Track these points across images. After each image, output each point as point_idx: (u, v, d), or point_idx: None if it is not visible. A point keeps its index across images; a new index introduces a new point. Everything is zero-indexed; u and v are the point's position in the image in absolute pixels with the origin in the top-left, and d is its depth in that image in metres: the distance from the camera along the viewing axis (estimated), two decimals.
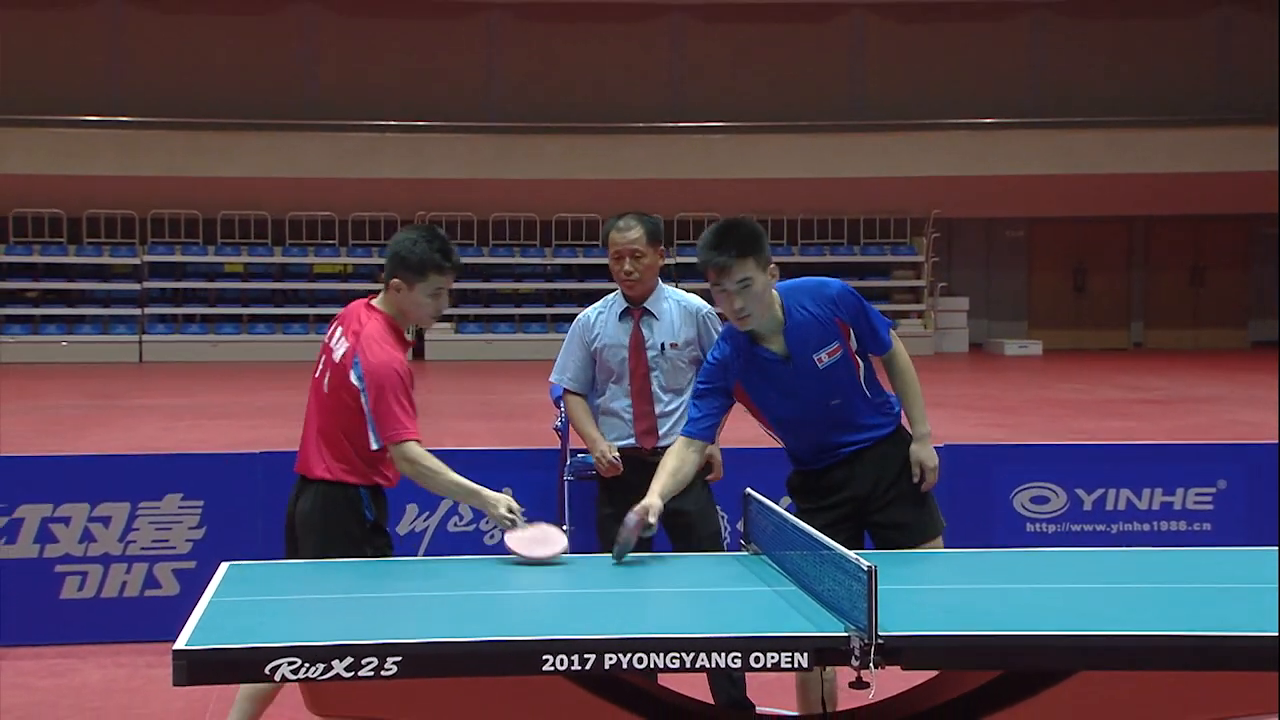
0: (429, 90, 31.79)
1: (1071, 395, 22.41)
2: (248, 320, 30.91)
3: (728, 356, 5.92)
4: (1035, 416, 19.37)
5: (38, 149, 29.74)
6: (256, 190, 30.74)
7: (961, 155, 31.20)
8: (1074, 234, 33.62)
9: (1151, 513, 8.98)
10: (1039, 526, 8.92)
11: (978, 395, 22.59)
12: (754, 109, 31.54)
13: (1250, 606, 4.89)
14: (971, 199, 31.82)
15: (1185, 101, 32.44)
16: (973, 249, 33.33)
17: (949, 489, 8.89)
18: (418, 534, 8.64)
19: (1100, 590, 5.16)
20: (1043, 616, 4.75)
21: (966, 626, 4.47)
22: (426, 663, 4.21)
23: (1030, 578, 5.48)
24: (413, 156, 30.63)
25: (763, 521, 5.64)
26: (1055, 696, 4.57)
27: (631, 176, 29.60)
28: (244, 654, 4.19)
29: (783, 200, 31.29)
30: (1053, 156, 31.13)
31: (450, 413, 20.02)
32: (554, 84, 32.08)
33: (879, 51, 32.84)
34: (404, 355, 5.85)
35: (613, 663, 4.22)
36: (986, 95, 32.33)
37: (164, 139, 30.20)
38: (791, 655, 4.25)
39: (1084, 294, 34.06)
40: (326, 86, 31.83)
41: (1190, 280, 34.05)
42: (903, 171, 30.97)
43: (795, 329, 5.86)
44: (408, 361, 5.86)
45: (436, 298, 5.84)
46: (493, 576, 5.58)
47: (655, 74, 32.48)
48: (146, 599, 8.38)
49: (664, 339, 6.81)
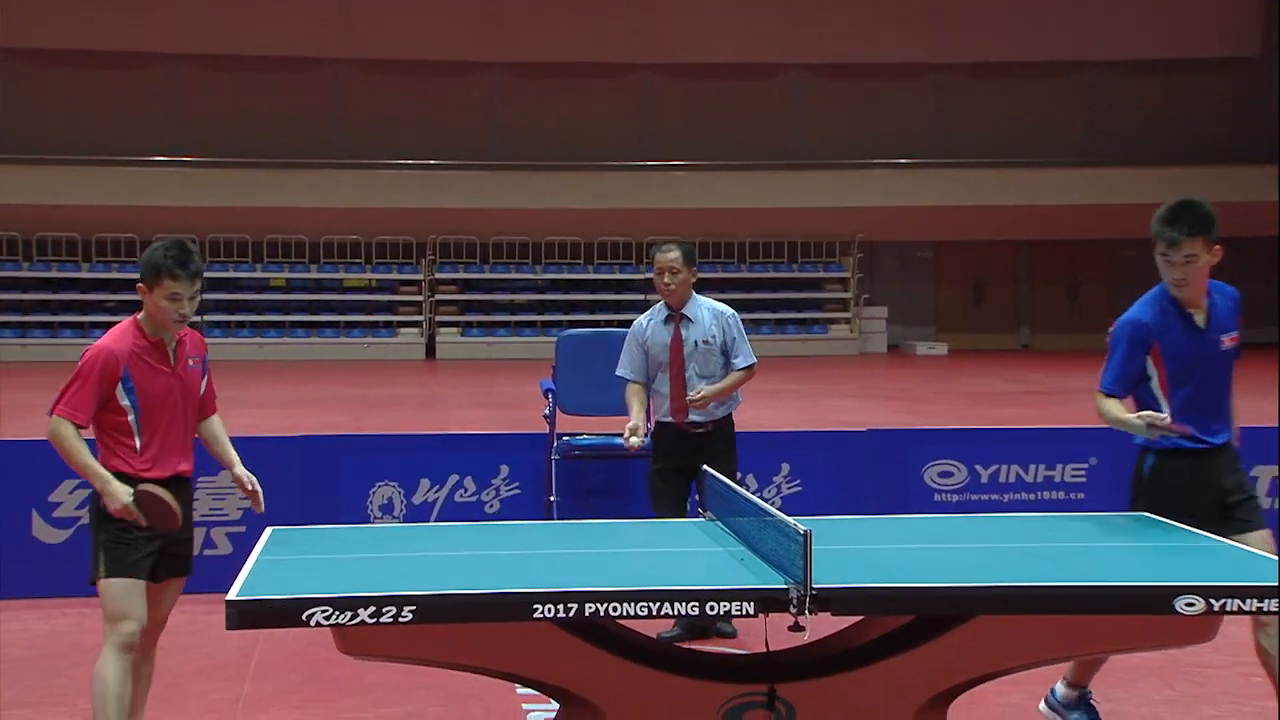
0: (440, 134, 31.70)
1: (971, 388, 22.48)
2: (289, 326, 30.78)
3: (1153, 318, 5.52)
4: (942, 405, 19.42)
5: (113, 184, 29.69)
6: (296, 218, 30.64)
7: (881, 190, 31.29)
8: (973, 255, 33.67)
9: (1036, 484, 9.01)
10: (945, 497, 8.95)
11: (895, 388, 22.65)
12: (709, 150, 31.53)
13: (1117, 562, 4.92)
14: (889, 226, 31.83)
15: (1063, 146, 32.57)
16: (890, 267, 33.36)
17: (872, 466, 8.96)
18: (430, 503, 8.62)
19: (994, 549, 5.17)
20: (947, 571, 4.77)
21: (885, 579, 4.49)
22: (436, 611, 4.21)
23: (937, 539, 5.49)
24: (426, 189, 30.57)
25: (717, 494, 5.64)
26: (957, 636, 4.57)
27: (608, 206, 29.63)
28: (285, 604, 4.19)
29: (734, 226, 31.32)
30: (955, 191, 31.26)
31: (457, 403, 20.01)
32: (544, 129, 32.02)
33: (813, 104, 32.85)
34: (118, 345, 5.19)
35: (592, 610, 4.22)
36: (901, 140, 32.37)
37: (219, 175, 30.15)
38: (740, 604, 4.26)
39: (981, 304, 34.11)
40: (354, 132, 31.73)
41: (1067, 293, 34.12)
42: (832, 203, 31.00)
43: (1215, 308, 5.52)
44: (120, 354, 5.16)
45: (175, 302, 5.16)
46: (491, 539, 5.59)
47: (628, 121, 32.44)
48: (205, 557, 8.31)
49: (698, 337, 7.22)
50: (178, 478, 5.32)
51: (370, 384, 23.11)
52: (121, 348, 5.17)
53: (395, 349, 30.55)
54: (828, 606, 4.26)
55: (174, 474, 5.29)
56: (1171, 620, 4.35)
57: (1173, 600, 4.29)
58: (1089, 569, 4.74)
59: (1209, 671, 6.56)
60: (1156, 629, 4.51)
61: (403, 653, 4.57)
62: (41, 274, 30.46)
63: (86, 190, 29.47)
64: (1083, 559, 4.95)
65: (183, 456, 5.37)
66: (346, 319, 30.85)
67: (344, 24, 31.68)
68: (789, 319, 31.60)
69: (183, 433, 5.39)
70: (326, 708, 6.20)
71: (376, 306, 31.16)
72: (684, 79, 32.55)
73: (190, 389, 5.38)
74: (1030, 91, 33.10)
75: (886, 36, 32.58)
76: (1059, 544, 5.27)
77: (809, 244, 32.36)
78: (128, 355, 5.17)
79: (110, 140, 30.46)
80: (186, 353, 5.38)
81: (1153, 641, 4.82)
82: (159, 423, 5.25)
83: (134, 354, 5.19)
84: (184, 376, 5.35)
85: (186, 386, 5.36)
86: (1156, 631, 4.57)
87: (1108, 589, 4.44)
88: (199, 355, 5.48)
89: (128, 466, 5.18)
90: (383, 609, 4.11)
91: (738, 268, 31.77)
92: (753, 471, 8.68)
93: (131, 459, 5.19)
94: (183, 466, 5.37)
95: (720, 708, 4.57)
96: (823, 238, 32.26)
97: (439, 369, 27.66)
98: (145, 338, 5.24)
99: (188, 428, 5.42)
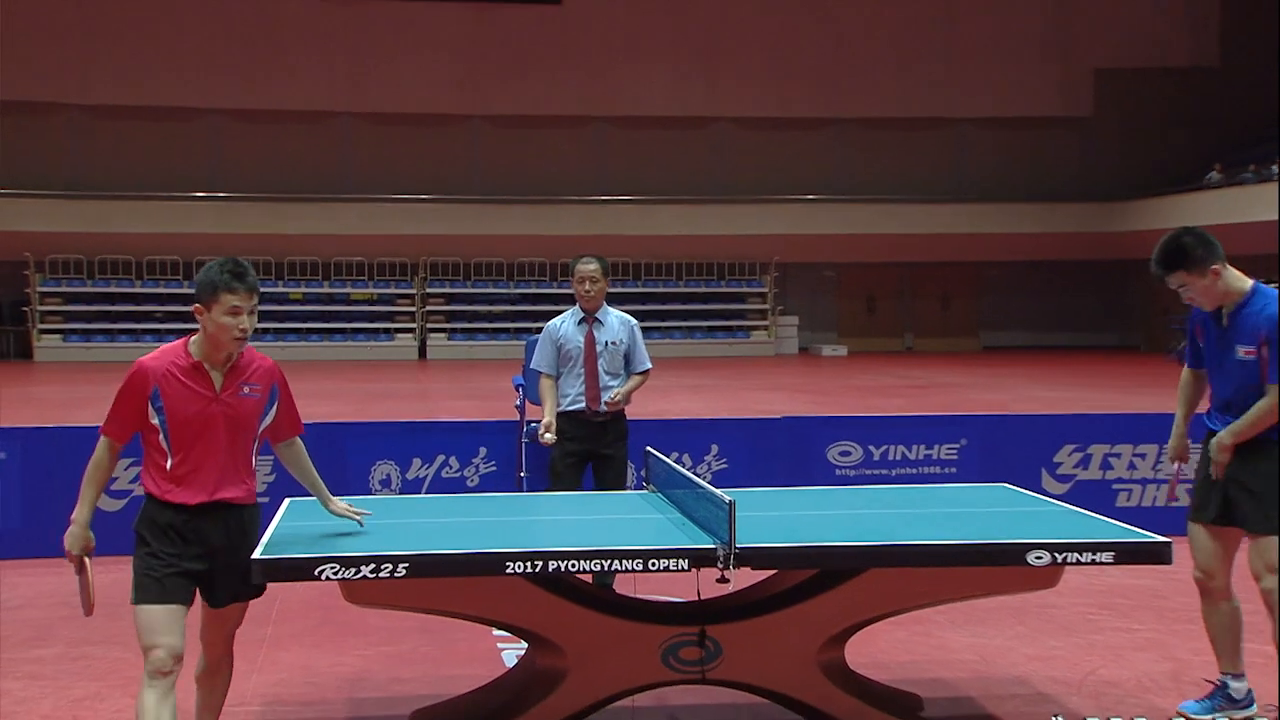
0: (430, 174, 31.58)
1: (866, 383, 22.57)
2: (305, 331, 30.54)
3: (1196, 317, 5.09)
4: (842, 396, 19.49)
5: (161, 215, 29.59)
6: (311, 242, 30.54)
7: (793, 221, 31.44)
8: (867, 274, 33.82)
9: (918, 461, 9.02)
10: (844, 471, 8.94)
11: (804, 383, 22.70)
12: (651, 187, 31.55)
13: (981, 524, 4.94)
14: (799, 250, 31.93)
15: (936, 186, 32.79)
16: (801, 283, 33.46)
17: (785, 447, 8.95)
18: (421, 479, 8.55)
19: (883, 514, 5.17)
20: (845, 532, 4.77)
21: (794, 540, 4.48)
22: (426, 567, 4.17)
23: (837, 506, 5.49)
24: (418, 219, 30.46)
25: (659, 469, 5.63)
26: (854, 585, 4.57)
27: (568, 234, 29.56)
28: (300, 561, 4.16)
29: (671, 250, 31.34)
30: (851, 222, 31.44)
31: (446, 395, 19.90)
32: (515, 170, 31.94)
33: (735, 149, 32.91)
34: (154, 363, 4.26)
35: (555, 567, 4.19)
36: (807, 180, 32.48)
37: (247, 208, 30.01)
38: (676, 561, 4.24)
39: (874, 314, 34.24)
40: (359, 171, 31.56)
41: (941, 305, 34.31)
42: (753, 231, 31.14)
43: (1240, 317, 4.91)
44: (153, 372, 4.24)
45: (234, 316, 4.25)
46: (471, 508, 5.55)
47: (585, 163, 32.39)
48: None
49: (608, 338, 6.97)
50: (220, 504, 4.27)
51: (372, 380, 22.96)
52: (157, 366, 4.26)
53: (392, 351, 30.42)
54: (748, 562, 4.25)
55: (212, 499, 4.25)
56: (1024, 571, 4.35)
57: (1025, 555, 4.30)
58: (959, 530, 4.74)
59: (1052, 611, 6.61)
60: (1012, 578, 4.52)
61: (397, 602, 4.55)
62: (102, 289, 30.35)
63: (139, 220, 29.52)
64: (954, 522, 4.96)
65: (228, 483, 4.28)
66: (352, 326, 30.73)
67: (351, 84, 31.63)
68: (718, 326, 31.66)
69: (227, 459, 4.29)
70: (335, 646, 6.15)
71: (377, 316, 31.05)
72: (629, 129, 32.58)
73: (240, 416, 4.30)
74: (910, 141, 33.32)
75: (794, 96, 32.78)
76: (935, 510, 5.28)
77: (734, 264, 32.42)
78: (161, 374, 4.24)
79: (158, 180, 30.36)
80: (242, 379, 4.32)
81: (1009, 588, 4.83)
82: (192, 446, 4.23)
83: (169, 374, 4.24)
84: (231, 403, 4.28)
85: (234, 414, 4.28)
86: (1012, 580, 4.58)
87: (973, 546, 4.44)
88: (263, 384, 4.39)
89: (154, 486, 4.25)
90: (381, 566, 4.07)
91: (675, 284, 31.77)
92: (688, 452, 8.64)
93: (159, 478, 4.25)
94: (227, 493, 4.28)
95: (660, 645, 4.56)
96: (745, 259, 32.32)
97: (429, 367, 27.51)
98: (188, 358, 4.27)
99: (235, 454, 4.31)
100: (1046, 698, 5.29)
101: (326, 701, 5.38)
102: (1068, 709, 5.09)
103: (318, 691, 5.51)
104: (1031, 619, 6.51)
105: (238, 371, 4.33)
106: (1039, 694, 5.35)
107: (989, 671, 5.68)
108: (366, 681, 5.63)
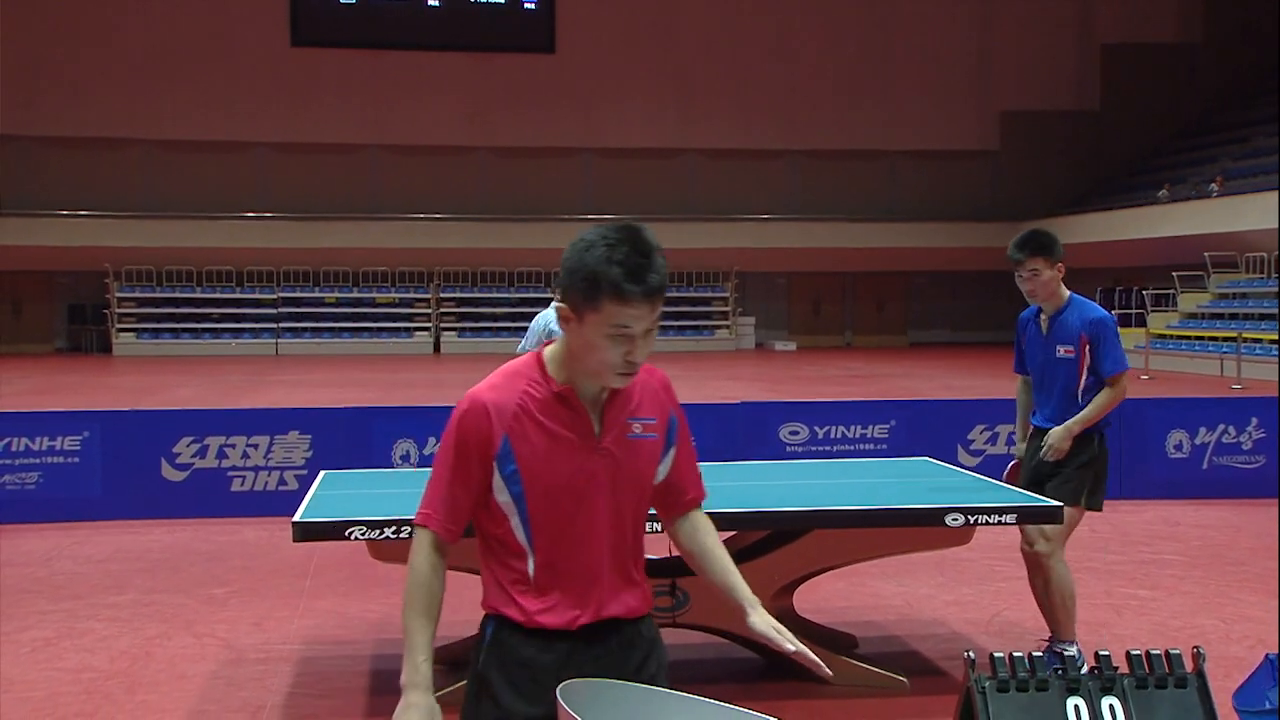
0: (444, 195, 31.48)
1: (812, 373, 22.60)
2: (338, 330, 30.46)
3: (1024, 318, 4.85)
4: (792, 385, 19.49)
5: (217, 232, 29.61)
6: (343, 254, 30.43)
7: (751, 236, 31.49)
8: (813, 281, 33.87)
9: (856, 440, 9.06)
10: (794, 448, 8.97)
11: (759, 373, 22.74)
12: (631, 208, 31.34)
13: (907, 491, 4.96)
14: (757, 261, 31.97)
15: (873, 208, 32.84)
16: (758, 288, 33.49)
17: (743, 429, 8.97)
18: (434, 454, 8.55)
19: (826, 484, 5.19)
20: (794, 499, 4.76)
21: (749, 506, 4.47)
22: None
23: (787, 478, 5.48)
24: (433, 234, 30.41)
25: None
26: (800, 544, 4.58)
27: (560, 247, 27.17)
28: (333, 524, 4.15)
29: None
30: (801, 238, 31.51)
31: (457, 384, 19.83)
32: (517, 193, 31.85)
33: (704, 175, 32.88)
34: (496, 397, 2.11)
35: None
36: (765, 202, 32.50)
37: (290, 225, 29.93)
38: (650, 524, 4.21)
39: (819, 315, 34.15)
40: (384, 194, 31.47)
41: (877, 308, 34.37)
42: (718, 245, 31.14)
43: (1059, 321, 4.67)
44: (498, 410, 2.10)
45: (622, 341, 2.05)
46: None
47: (574, 187, 32.34)
48: (279, 492, 8.26)
49: None
50: (609, 623, 2.15)
51: (393, 371, 22.92)
52: (503, 401, 2.11)
53: (411, 346, 30.41)
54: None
55: (598, 618, 2.14)
56: (942, 530, 4.36)
57: (943, 517, 4.32)
58: (888, 497, 4.75)
59: (965, 564, 6.65)
60: (932, 536, 4.53)
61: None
62: (168, 294, 30.37)
63: (199, 236, 29.51)
64: (885, 490, 4.97)
65: (617, 585, 2.18)
66: (377, 325, 30.67)
67: (376, 121, 31.55)
68: (687, 325, 31.69)
69: (613, 543, 2.17)
70: (363, 596, 6.15)
71: (398, 316, 31.02)
72: (612, 158, 32.56)
73: (630, 471, 2.17)
74: (851, 169, 33.39)
75: (754, 130, 32.80)
76: (869, 480, 5.29)
77: (701, 273, 32.45)
78: (512, 414, 2.10)
79: (215, 202, 30.20)
80: (629, 411, 2.18)
81: (930, 545, 4.85)
82: (566, 529, 2.12)
83: (521, 410, 2.11)
84: (617, 452, 2.15)
85: (621, 468, 2.15)
86: (932, 538, 4.59)
87: (900, 510, 4.45)
88: (658, 416, 2.23)
89: (519, 613, 2.12)
90: (401, 528, 4.06)
91: None
92: None
93: (524, 599, 2.12)
94: (618, 606, 2.16)
95: None
96: (710, 269, 32.35)
97: (443, 361, 27.44)
98: (547, 384, 2.12)
99: (622, 535, 2.18)
100: (960, 636, 5.33)
101: (356, 641, 5.38)
102: (977, 645, 5.12)
103: (349, 633, 5.51)
104: (949, 570, 6.55)
105: (622, 400, 2.18)
106: (954, 633, 5.39)
107: (913, 614, 5.72)
108: (391, 625, 5.62)
